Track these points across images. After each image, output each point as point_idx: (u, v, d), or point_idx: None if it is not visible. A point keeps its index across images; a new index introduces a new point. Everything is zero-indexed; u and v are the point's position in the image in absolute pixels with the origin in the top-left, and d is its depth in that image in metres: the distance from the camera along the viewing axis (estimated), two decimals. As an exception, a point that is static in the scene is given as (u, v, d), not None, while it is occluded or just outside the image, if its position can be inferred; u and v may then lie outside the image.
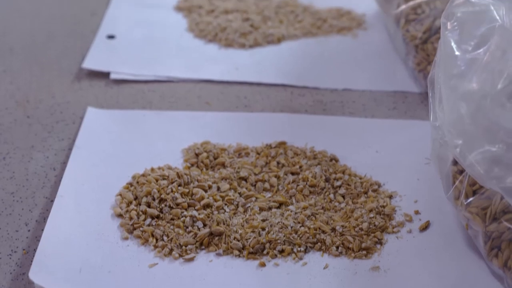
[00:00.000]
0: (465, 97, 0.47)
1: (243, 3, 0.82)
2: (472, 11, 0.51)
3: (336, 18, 0.79)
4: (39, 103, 0.66)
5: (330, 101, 0.67)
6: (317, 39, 0.77)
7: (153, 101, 0.67)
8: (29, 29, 0.77)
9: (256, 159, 0.59)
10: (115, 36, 0.76)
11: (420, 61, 0.68)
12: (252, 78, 0.70)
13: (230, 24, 0.77)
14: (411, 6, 0.70)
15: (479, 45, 0.49)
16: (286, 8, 0.81)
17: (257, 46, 0.75)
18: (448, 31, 0.50)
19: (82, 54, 0.73)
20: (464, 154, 0.46)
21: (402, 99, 0.68)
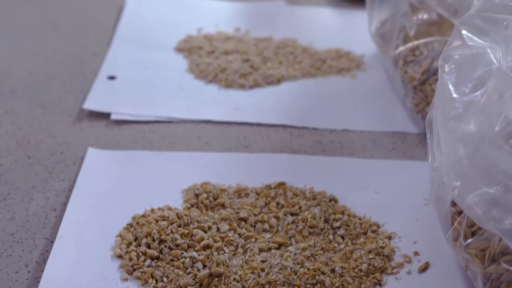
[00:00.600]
0: (462, 139, 0.47)
1: (243, 44, 0.82)
2: (469, 53, 0.51)
3: (335, 59, 0.80)
4: (40, 143, 0.66)
5: (329, 142, 0.68)
6: (316, 79, 0.77)
7: (154, 142, 0.67)
8: (31, 70, 0.78)
9: (255, 199, 0.59)
10: (116, 77, 0.76)
11: (419, 102, 0.68)
12: (252, 118, 0.71)
13: (230, 65, 0.78)
14: (409, 47, 0.71)
15: (476, 88, 0.49)
16: (285, 49, 0.82)
17: (257, 87, 0.76)
18: (446, 74, 0.51)
19: (83, 95, 0.73)
20: (462, 195, 0.47)
21: (401, 140, 0.68)
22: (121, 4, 0.90)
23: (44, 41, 0.83)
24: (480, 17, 0.53)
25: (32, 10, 0.89)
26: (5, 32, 0.84)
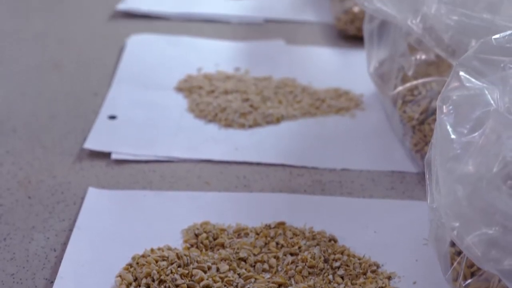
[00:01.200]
0: (461, 180, 0.48)
1: (243, 83, 0.83)
2: (467, 94, 0.52)
3: (334, 98, 0.81)
4: (41, 183, 0.67)
5: (328, 181, 0.68)
6: (315, 119, 0.78)
7: (154, 181, 0.68)
8: (32, 110, 0.78)
9: (255, 239, 0.59)
10: (116, 116, 0.77)
11: (418, 142, 0.69)
12: (252, 158, 0.71)
13: (230, 104, 0.78)
14: (407, 87, 0.71)
15: (474, 129, 0.49)
16: (285, 88, 0.82)
17: (256, 126, 0.76)
18: (444, 115, 0.51)
19: (84, 134, 0.74)
20: (461, 236, 0.47)
21: (400, 179, 0.68)
22: (122, 44, 0.90)
23: (45, 81, 0.83)
24: (478, 58, 0.53)
25: (34, 50, 0.89)
26: (7, 72, 0.85)
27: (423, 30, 0.67)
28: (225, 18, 0.97)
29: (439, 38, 0.66)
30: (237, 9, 0.99)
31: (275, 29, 0.96)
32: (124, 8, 0.98)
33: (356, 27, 0.91)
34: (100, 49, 0.90)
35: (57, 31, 0.93)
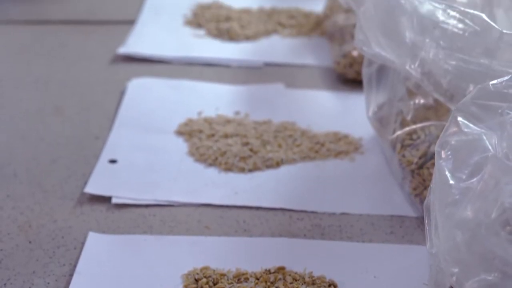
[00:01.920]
0: (460, 226, 0.48)
1: (243, 127, 0.83)
2: (465, 140, 0.52)
3: (333, 142, 0.81)
4: (41, 228, 0.67)
5: (328, 225, 0.68)
6: (315, 163, 0.78)
7: (154, 226, 0.68)
8: (33, 154, 0.78)
9: (255, 284, 0.60)
10: (117, 160, 0.77)
11: (417, 186, 0.69)
12: (251, 202, 0.71)
13: (230, 148, 0.79)
14: (406, 131, 0.72)
15: (473, 174, 0.50)
16: (284, 132, 0.83)
17: (256, 170, 0.76)
18: (442, 160, 0.52)
19: (85, 179, 0.74)
20: (460, 282, 0.47)
21: (400, 224, 0.69)
22: (123, 88, 0.91)
23: (46, 125, 0.84)
24: (475, 104, 0.54)
25: (35, 94, 0.90)
26: (9, 116, 0.86)
27: (422, 74, 0.67)
28: (225, 61, 0.98)
29: (437, 82, 0.66)
30: (237, 52, 1.00)
31: (274, 72, 0.96)
32: (125, 52, 0.98)
33: (355, 70, 0.92)
34: (101, 92, 0.91)
35: (58, 75, 0.94)
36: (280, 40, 1.03)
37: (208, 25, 1.05)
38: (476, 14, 0.63)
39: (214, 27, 1.04)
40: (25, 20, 1.07)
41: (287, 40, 1.03)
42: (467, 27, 0.63)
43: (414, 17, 0.67)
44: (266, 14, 1.08)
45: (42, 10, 1.09)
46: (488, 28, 0.62)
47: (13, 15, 1.08)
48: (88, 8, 1.10)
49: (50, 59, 0.98)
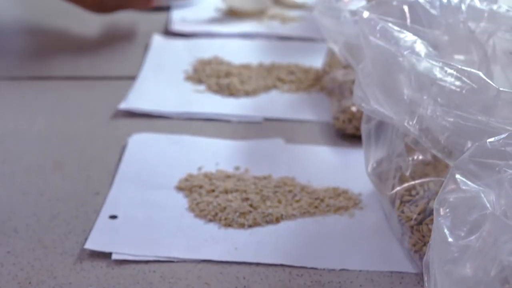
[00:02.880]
0: (459, 283, 0.48)
1: (242, 182, 0.84)
2: (464, 197, 0.53)
3: (333, 197, 0.81)
4: (41, 284, 0.67)
5: (328, 282, 0.68)
6: (314, 218, 0.78)
7: (154, 282, 0.68)
8: (34, 209, 0.79)
9: None
10: (117, 216, 0.77)
11: (416, 242, 0.69)
12: (251, 258, 0.71)
13: (230, 204, 0.79)
14: (405, 187, 0.72)
15: (471, 231, 0.50)
16: (284, 187, 0.83)
17: (256, 226, 0.77)
18: (441, 217, 0.52)
19: (85, 235, 0.74)
20: None
21: (399, 280, 0.69)
22: (123, 143, 0.92)
23: (47, 180, 0.84)
24: (473, 162, 0.54)
25: (36, 149, 0.91)
26: (9, 172, 0.86)
27: (420, 131, 0.68)
28: (225, 117, 0.99)
29: (435, 139, 0.67)
30: (237, 108, 1.01)
31: (274, 127, 0.97)
32: (125, 108, 0.99)
33: (354, 126, 0.93)
34: (101, 148, 0.91)
35: (59, 130, 0.95)
36: (279, 96, 1.04)
37: (208, 80, 1.06)
38: (473, 72, 0.64)
39: (214, 83, 1.05)
40: (27, 76, 1.08)
41: (287, 95, 1.04)
42: (464, 85, 0.64)
43: (412, 74, 0.68)
44: (265, 69, 1.09)
45: (44, 66, 1.10)
46: (485, 86, 0.63)
47: (16, 71, 1.09)
48: (89, 64, 1.12)
49: (51, 114, 0.99)
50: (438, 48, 0.76)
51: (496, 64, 0.76)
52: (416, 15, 0.76)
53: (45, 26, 1.22)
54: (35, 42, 1.17)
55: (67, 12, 1.27)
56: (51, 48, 1.16)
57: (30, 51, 1.14)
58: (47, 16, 1.26)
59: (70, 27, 1.23)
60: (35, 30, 1.21)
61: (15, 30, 1.22)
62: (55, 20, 1.24)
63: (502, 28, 0.75)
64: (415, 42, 0.70)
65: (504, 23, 0.75)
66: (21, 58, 1.13)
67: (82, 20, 1.25)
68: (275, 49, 1.16)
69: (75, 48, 1.16)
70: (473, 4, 0.76)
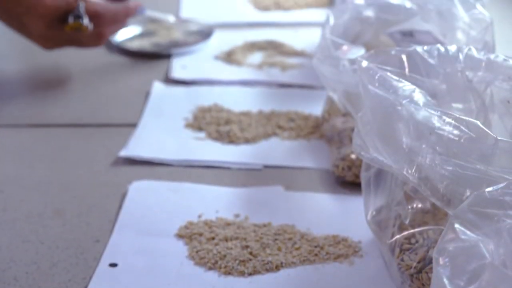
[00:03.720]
0: (459, 333, 0.48)
1: (242, 230, 0.84)
2: (463, 246, 0.53)
3: (333, 245, 0.82)
4: (41, 333, 0.67)
5: (328, 330, 0.68)
6: (314, 266, 0.78)
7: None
8: (34, 257, 0.79)
9: None
10: (117, 264, 0.77)
11: (416, 290, 0.69)
12: (251, 306, 0.71)
13: (230, 251, 0.79)
14: (405, 235, 0.72)
15: (471, 281, 0.51)
16: (284, 235, 0.83)
17: (256, 274, 0.77)
18: (440, 267, 0.52)
19: (85, 283, 0.74)
20: None
21: (400, 329, 0.69)
22: (124, 190, 0.92)
23: (47, 228, 0.84)
24: (472, 211, 0.55)
25: (36, 197, 0.91)
26: (10, 219, 0.86)
27: (419, 179, 0.68)
28: (225, 164, 0.99)
29: (434, 187, 0.67)
30: (236, 155, 1.01)
31: (274, 175, 0.97)
32: (126, 155, 1.00)
33: (353, 173, 0.93)
34: (102, 195, 0.92)
35: (59, 178, 0.95)
36: (279, 143, 1.04)
37: (208, 128, 1.07)
38: (471, 121, 0.65)
39: (214, 130, 1.06)
40: (27, 123, 1.08)
41: (286, 142, 1.04)
42: (462, 134, 0.65)
43: (411, 123, 0.69)
44: (265, 117, 1.10)
45: (45, 113, 1.11)
46: (483, 135, 0.64)
47: (16, 118, 1.10)
48: (90, 111, 1.12)
49: (52, 161, 0.99)
50: (437, 96, 0.77)
51: (494, 113, 0.77)
52: (415, 64, 0.77)
53: (46, 74, 1.23)
54: (35, 90, 1.18)
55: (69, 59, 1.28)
56: (51, 95, 1.16)
57: (31, 99, 1.15)
58: (48, 64, 1.26)
59: (71, 74, 1.24)
60: (35, 77, 1.22)
61: (16, 78, 1.23)
62: (57, 68, 1.25)
63: (499, 78, 0.76)
64: (413, 91, 0.71)
65: (501, 73, 0.75)
66: (21, 105, 1.13)
67: (84, 67, 1.26)
68: (274, 96, 1.17)
69: (76, 95, 1.17)
70: (471, 53, 0.77)
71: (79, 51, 1.21)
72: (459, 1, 0.96)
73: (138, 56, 1.29)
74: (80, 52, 1.25)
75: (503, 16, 1.38)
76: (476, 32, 0.92)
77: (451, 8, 0.96)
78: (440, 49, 0.78)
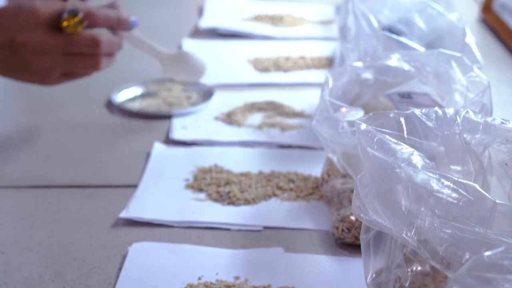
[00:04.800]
0: None
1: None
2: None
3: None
4: None
5: None
6: (315, 329, 0.78)
7: None
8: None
9: None
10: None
11: None
12: None
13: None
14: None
15: None
16: (284, 297, 0.83)
17: (256, 337, 0.77)
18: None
19: None
20: None
21: None
22: (124, 252, 0.92)
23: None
24: (471, 275, 0.55)
25: (37, 259, 0.91)
26: (9, 282, 0.86)
27: (418, 242, 0.68)
28: (225, 225, 0.99)
29: (433, 250, 0.67)
30: (236, 216, 1.01)
31: (274, 236, 0.97)
32: (126, 216, 1.00)
33: (353, 235, 0.93)
34: (102, 257, 0.92)
35: (60, 240, 0.95)
36: (279, 204, 1.05)
37: (209, 189, 1.07)
38: (470, 184, 0.65)
39: (214, 191, 1.06)
40: (28, 185, 1.09)
41: (286, 203, 1.05)
42: (461, 197, 0.65)
43: (410, 186, 0.69)
44: (265, 177, 1.10)
45: (45, 174, 1.12)
46: (482, 198, 0.64)
47: (17, 180, 1.10)
48: (90, 173, 1.13)
49: (52, 223, 0.99)
50: (435, 159, 0.78)
51: (492, 175, 0.77)
52: (413, 127, 0.78)
53: (47, 135, 1.24)
54: (36, 151, 1.19)
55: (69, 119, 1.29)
56: (52, 156, 1.17)
57: (31, 160, 1.16)
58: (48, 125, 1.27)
59: (72, 135, 1.25)
60: (36, 138, 1.23)
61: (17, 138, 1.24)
62: (57, 129, 1.26)
63: (497, 140, 0.76)
64: (412, 154, 0.72)
65: (499, 135, 0.76)
66: (22, 166, 1.14)
67: (84, 128, 1.27)
68: (274, 157, 1.17)
69: (77, 156, 1.17)
70: (468, 116, 0.78)
71: (80, 108, 1.22)
72: (456, 64, 0.97)
73: (139, 116, 1.30)
74: (81, 112, 1.26)
75: (500, 78, 1.39)
76: (473, 95, 0.93)
77: (448, 71, 0.97)
78: (438, 112, 0.78)
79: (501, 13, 1.54)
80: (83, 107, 1.34)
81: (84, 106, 1.34)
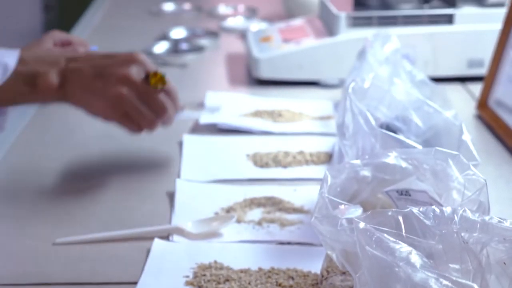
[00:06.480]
0: None
1: None
2: None
3: None
4: None
5: None
6: None
7: None
8: None
9: None
10: None
11: None
12: None
13: None
14: None
15: None
16: None
17: None
18: None
19: None
20: None
21: None
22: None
23: None
24: None
25: None
26: None
27: None
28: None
29: None
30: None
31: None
32: None
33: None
34: None
35: None
36: (278, 301, 1.04)
37: (208, 286, 1.07)
38: (468, 284, 0.66)
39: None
40: (27, 282, 1.09)
41: (286, 301, 1.04)
42: (460, 297, 0.65)
43: (408, 285, 0.70)
44: (264, 274, 1.10)
45: (44, 271, 1.11)
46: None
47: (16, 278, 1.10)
48: (89, 269, 1.13)
49: None
50: (433, 257, 0.78)
51: (490, 274, 0.77)
52: (411, 225, 0.79)
53: (45, 231, 1.24)
54: (35, 247, 1.19)
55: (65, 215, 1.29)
56: (51, 253, 1.17)
57: (29, 257, 1.16)
58: (47, 224, 1.28)
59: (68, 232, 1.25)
60: (32, 235, 1.23)
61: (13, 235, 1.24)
62: (52, 225, 1.27)
63: (495, 239, 0.77)
64: (410, 253, 0.72)
65: (496, 234, 0.77)
66: (20, 264, 1.14)
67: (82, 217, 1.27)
68: (274, 253, 1.18)
69: (75, 252, 1.17)
70: (466, 215, 0.79)
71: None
72: (453, 162, 0.98)
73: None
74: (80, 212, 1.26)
75: (497, 174, 1.40)
76: (471, 193, 0.94)
77: (446, 169, 0.98)
78: (436, 210, 0.79)
79: (497, 109, 1.56)
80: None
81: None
